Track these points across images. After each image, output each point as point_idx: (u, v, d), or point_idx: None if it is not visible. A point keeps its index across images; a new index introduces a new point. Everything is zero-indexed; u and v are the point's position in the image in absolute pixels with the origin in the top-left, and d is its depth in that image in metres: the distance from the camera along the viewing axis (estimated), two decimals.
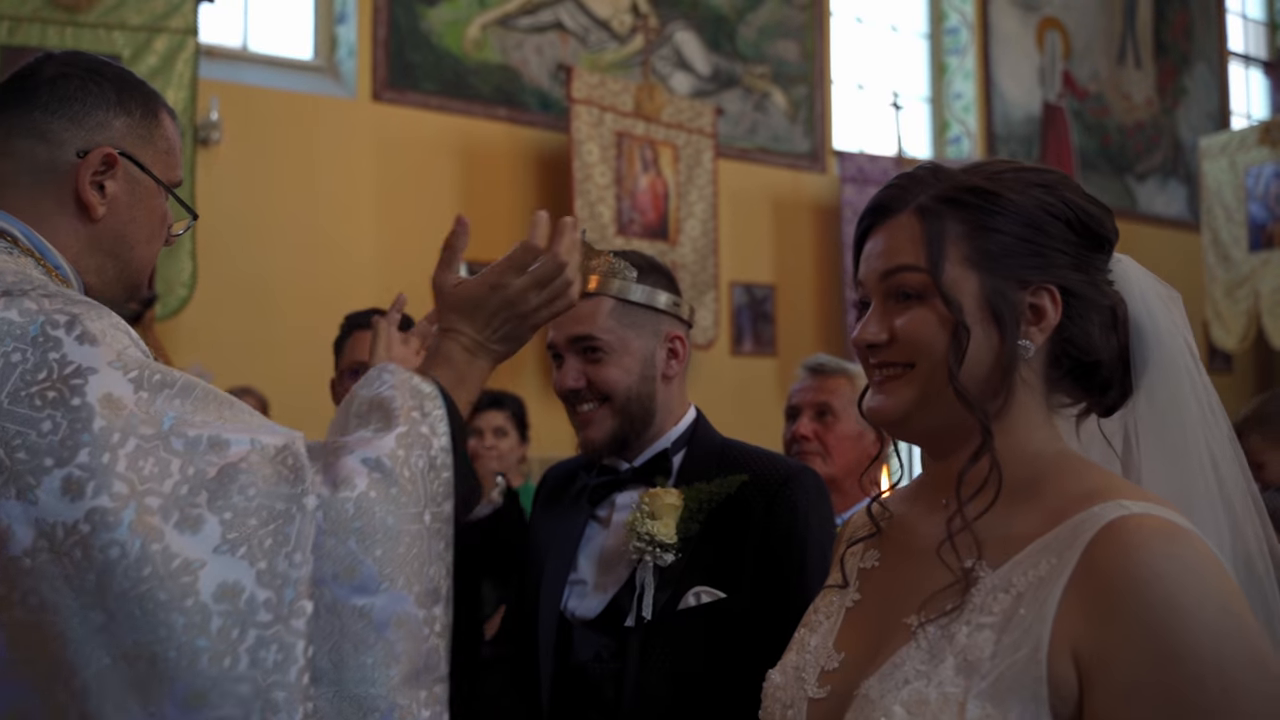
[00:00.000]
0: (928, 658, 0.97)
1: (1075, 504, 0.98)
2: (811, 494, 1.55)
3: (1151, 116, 9.30)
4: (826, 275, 7.38)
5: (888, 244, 1.07)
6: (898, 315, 1.05)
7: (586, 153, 5.99)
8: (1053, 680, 0.91)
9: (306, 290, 5.44)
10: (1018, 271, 1.03)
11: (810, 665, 1.09)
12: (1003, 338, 1.02)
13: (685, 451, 1.64)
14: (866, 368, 1.10)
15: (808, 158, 7.41)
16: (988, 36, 8.34)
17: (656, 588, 1.51)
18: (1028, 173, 1.08)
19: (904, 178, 1.10)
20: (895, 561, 1.12)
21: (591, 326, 1.60)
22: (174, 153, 1.31)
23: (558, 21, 6.36)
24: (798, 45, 7.38)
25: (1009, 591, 0.96)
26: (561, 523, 1.68)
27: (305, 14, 5.95)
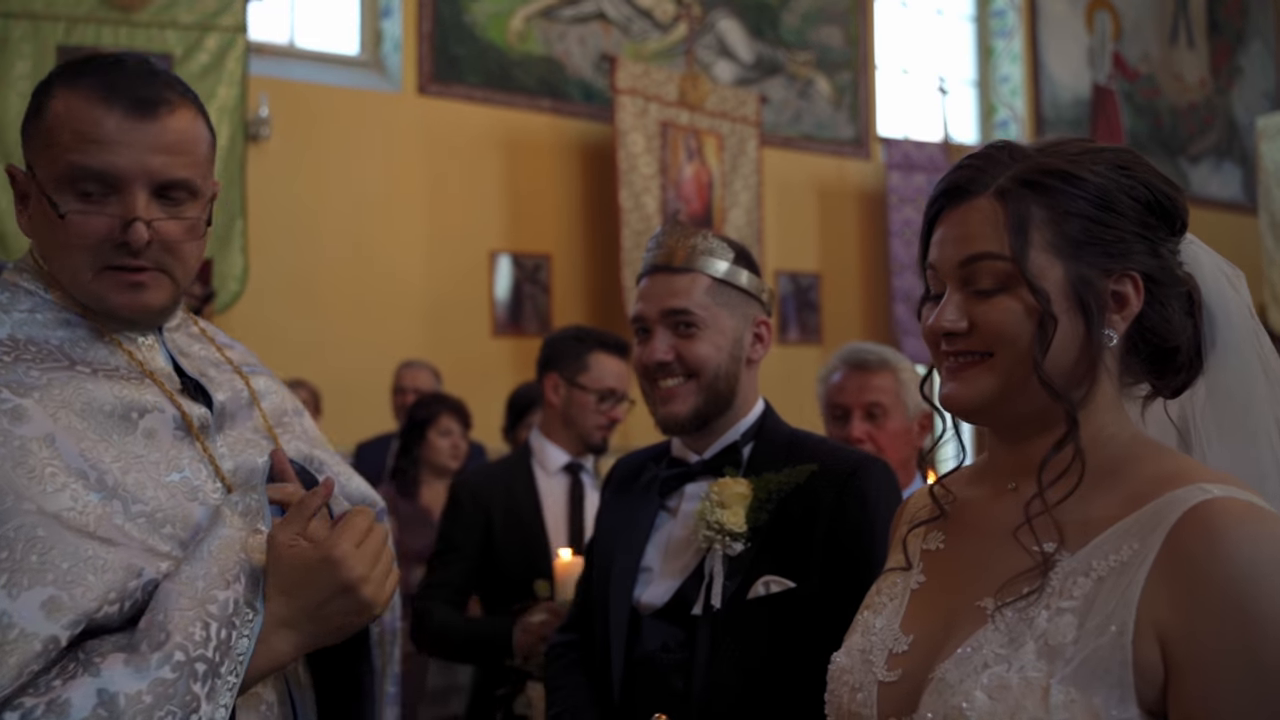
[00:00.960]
0: (1007, 641, 0.96)
1: (1154, 488, 0.97)
2: (880, 484, 1.54)
3: (1205, 97, 9.10)
4: (872, 263, 7.32)
5: (966, 229, 1.04)
6: (978, 303, 1.03)
7: (631, 143, 5.99)
8: (1138, 664, 0.90)
9: (354, 282, 5.50)
10: (1101, 259, 1.01)
11: (878, 648, 1.08)
12: (1088, 327, 1.01)
13: (754, 443, 1.63)
14: (937, 354, 1.08)
15: (852, 144, 7.34)
16: (1035, 18, 8.21)
17: (725, 577, 1.51)
18: (1105, 153, 1.05)
19: (978, 158, 1.06)
20: (961, 544, 1.11)
21: (687, 300, 1.60)
22: (51, 142, 1.15)
23: (600, 12, 6.36)
24: (841, 31, 7.32)
25: (1089, 575, 0.95)
26: (631, 513, 1.68)
27: (351, 9, 6.00)
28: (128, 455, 1.16)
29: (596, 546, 1.76)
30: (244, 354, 1.47)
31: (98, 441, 1.14)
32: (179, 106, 1.18)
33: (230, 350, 1.43)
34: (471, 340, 5.85)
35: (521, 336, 6.02)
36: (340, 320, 5.44)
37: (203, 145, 1.22)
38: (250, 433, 1.33)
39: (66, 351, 1.20)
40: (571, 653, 1.74)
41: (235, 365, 1.39)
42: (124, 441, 1.17)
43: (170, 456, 1.21)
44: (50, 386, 1.14)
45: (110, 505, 1.11)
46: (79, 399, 1.15)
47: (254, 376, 1.42)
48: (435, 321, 5.75)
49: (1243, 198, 9.12)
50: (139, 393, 1.21)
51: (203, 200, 1.22)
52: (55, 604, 1.02)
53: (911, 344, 7.05)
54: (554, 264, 6.12)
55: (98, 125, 1.14)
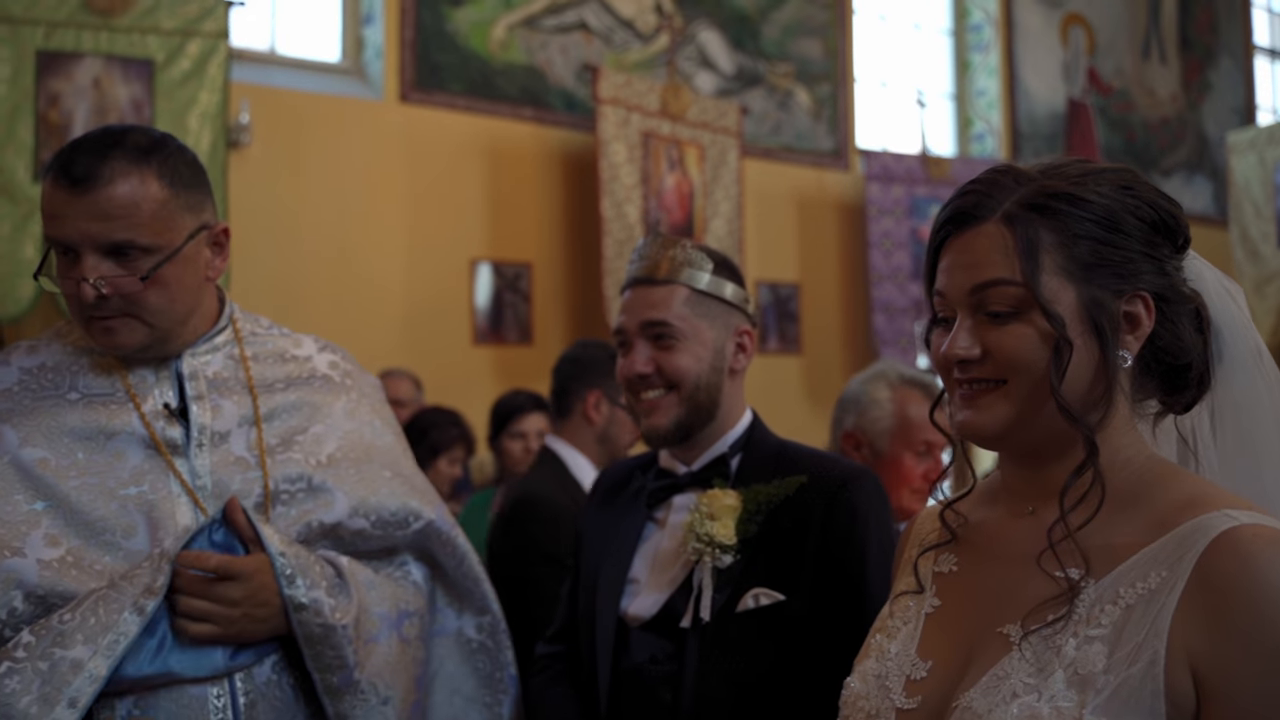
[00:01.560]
0: (1035, 670, 0.96)
1: (1177, 513, 0.97)
2: (871, 496, 1.55)
3: (1176, 112, 9.23)
4: (851, 274, 7.37)
5: (975, 255, 1.03)
6: (991, 330, 1.02)
7: (613, 153, 6.00)
8: (1170, 692, 0.91)
9: (335, 289, 5.47)
10: (1111, 280, 1.01)
11: (894, 673, 1.07)
12: (1103, 350, 1.00)
13: (743, 454, 1.63)
14: (948, 381, 1.07)
15: (832, 156, 7.39)
16: (1011, 33, 8.30)
17: (714, 589, 1.51)
18: (1107, 173, 1.05)
19: (981, 183, 1.06)
20: (978, 568, 1.10)
21: (666, 313, 1.60)
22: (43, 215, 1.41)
23: (582, 22, 6.37)
24: (821, 43, 7.37)
25: (1117, 604, 0.95)
26: (617, 524, 1.68)
27: (332, 16, 5.98)
28: (88, 471, 1.39)
29: (583, 556, 1.75)
30: (285, 368, 1.58)
31: (59, 459, 1.38)
32: (120, 175, 1.37)
33: (263, 366, 1.56)
34: (452, 348, 5.84)
35: (502, 345, 6.01)
36: (321, 327, 5.36)
37: (149, 205, 1.39)
38: (243, 451, 1.47)
39: (73, 377, 1.46)
40: (558, 664, 1.74)
41: (253, 385, 1.52)
42: (88, 459, 1.40)
43: (136, 472, 1.41)
44: (33, 413, 1.41)
45: (53, 514, 1.35)
46: (51, 423, 1.41)
47: (279, 393, 1.54)
48: (416, 329, 5.73)
49: (1214, 211, 9.25)
50: (116, 417, 1.43)
51: (160, 253, 1.39)
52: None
53: (889, 354, 7.10)
54: (535, 273, 6.12)
55: (50, 201, 1.39)
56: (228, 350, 1.54)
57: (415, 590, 1.57)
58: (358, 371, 1.68)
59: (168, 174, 1.41)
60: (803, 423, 6.65)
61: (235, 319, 1.57)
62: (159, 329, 1.43)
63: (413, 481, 1.59)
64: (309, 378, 1.58)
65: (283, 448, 1.49)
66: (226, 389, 1.50)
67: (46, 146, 4.58)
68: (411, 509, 1.54)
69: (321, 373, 1.61)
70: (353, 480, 1.51)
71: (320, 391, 1.57)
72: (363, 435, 1.56)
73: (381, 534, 1.52)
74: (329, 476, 1.49)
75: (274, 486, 1.46)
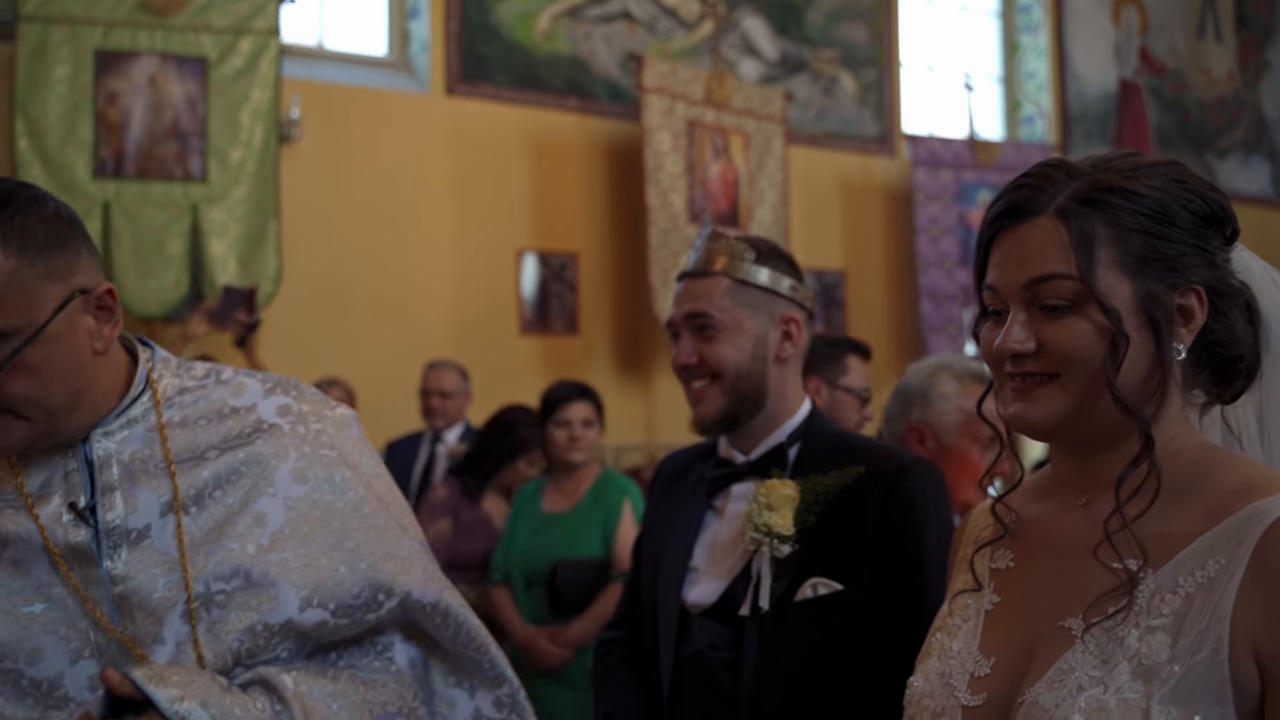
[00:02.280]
0: (1099, 662, 0.96)
1: (1233, 499, 0.98)
2: (928, 486, 1.55)
3: (1233, 91, 9.03)
4: (898, 260, 7.32)
5: (1029, 249, 1.03)
6: (1046, 323, 1.02)
7: (658, 142, 6.01)
8: (1235, 678, 0.91)
9: (384, 281, 5.55)
10: (1165, 274, 1.02)
11: (958, 671, 1.07)
12: (1158, 343, 1.01)
13: (801, 444, 1.64)
14: (999, 374, 1.07)
15: (878, 142, 7.34)
16: (1061, 13, 8.17)
17: (773, 579, 1.53)
18: (1158, 166, 1.05)
19: (1034, 177, 1.06)
20: (1034, 562, 1.10)
21: (706, 304, 1.63)
22: None
23: (625, 11, 6.38)
24: (866, 28, 7.31)
25: (1177, 592, 0.96)
26: (678, 512, 1.70)
27: (379, 10, 6.04)
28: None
29: (645, 544, 1.77)
30: (223, 427, 1.31)
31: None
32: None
33: (193, 432, 1.30)
34: (499, 339, 5.89)
35: (548, 335, 6.06)
36: (370, 319, 5.49)
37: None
38: (168, 547, 1.24)
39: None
40: (619, 649, 1.77)
41: (172, 464, 1.27)
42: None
43: (40, 586, 1.20)
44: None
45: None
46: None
47: (212, 463, 1.28)
48: (463, 320, 5.79)
49: (1271, 192, 9.04)
50: (11, 522, 1.22)
51: (18, 335, 1.15)
52: None
53: (936, 341, 7.05)
54: (581, 263, 6.15)
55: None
56: (146, 422, 1.28)
57: (398, 683, 1.32)
58: (316, 412, 1.36)
59: (14, 238, 1.14)
60: None
61: (154, 381, 1.30)
62: (37, 422, 1.19)
63: (383, 546, 1.31)
64: (252, 433, 1.30)
65: (215, 535, 1.25)
66: (144, 473, 1.26)
67: (105, 144, 4.69)
68: (380, 585, 1.28)
69: (269, 423, 1.31)
70: (301, 564, 1.26)
71: (267, 448, 1.30)
72: (317, 500, 1.29)
73: (348, 621, 1.27)
74: (272, 565, 1.25)
75: (203, 589, 1.22)
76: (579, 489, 3.42)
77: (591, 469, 3.47)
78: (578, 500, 3.39)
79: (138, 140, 4.75)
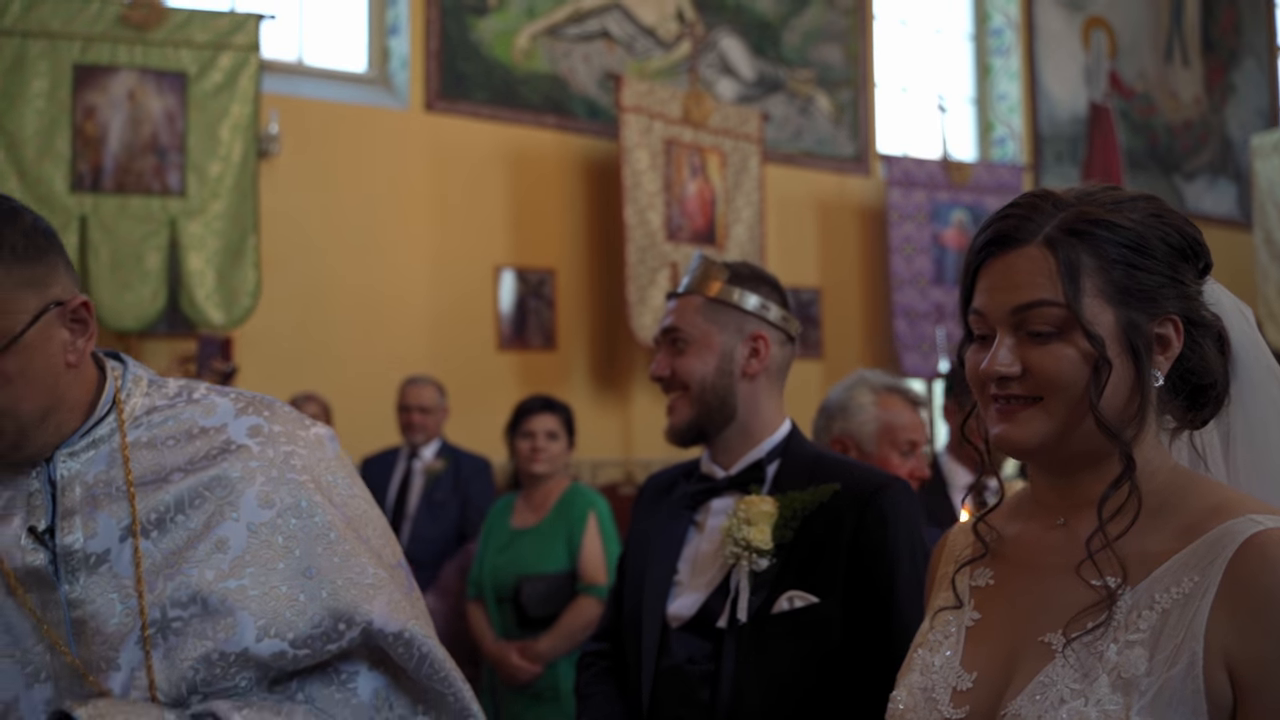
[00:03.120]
0: (1080, 676, 1.00)
1: (1205, 520, 1.02)
2: (901, 504, 1.60)
3: (1200, 115, 9.21)
4: (872, 279, 7.40)
5: (1016, 276, 1.07)
6: (1032, 348, 1.06)
7: (636, 160, 6.06)
8: (1209, 691, 0.96)
9: (362, 296, 5.56)
10: (1145, 303, 1.06)
11: (940, 685, 1.11)
12: (1138, 370, 1.05)
13: (780, 461, 1.69)
14: (983, 396, 1.11)
15: (853, 161, 7.43)
16: (1032, 37, 8.31)
17: (750, 592, 1.56)
18: (1139, 201, 1.11)
19: (1021, 207, 1.10)
20: (1013, 580, 1.14)
21: (679, 320, 1.73)
22: None
23: (604, 30, 6.44)
24: (842, 49, 7.41)
25: (1153, 608, 1.00)
26: (664, 528, 1.74)
27: (359, 27, 6.07)
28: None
29: (629, 559, 1.81)
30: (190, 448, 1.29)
31: None
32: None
33: (159, 453, 1.28)
34: (476, 354, 5.91)
35: (526, 351, 6.08)
36: (348, 334, 5.50)
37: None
38: (124, 569, 1.21)
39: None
40: (602, 661, 1.80)
41: (132, 487, 1.24)
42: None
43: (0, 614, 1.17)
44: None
45: None
46: None
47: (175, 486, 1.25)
48: (440, 335, 5.80)
49: (1238, 214, 9.22)
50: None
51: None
52: None
53: (910, 358, 7.12)
54: (559, 279, 6.18)
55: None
56: (111, 443, 1.26)
57: (356, 717, 1.26)
58: (288, 433, 1.32)
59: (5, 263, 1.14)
60: None
61: (121, 401, 1.27)
62: (6, 434, 1.17)
63: (346, 573, 1.25)
64: (220, 454, 1.27)
65: (174, 560, 1.22)
66: (106, 496, 1.23)
67: (83, 158, 4.69)
68: (340, 614, 1.23)
69: (237, 444, 1.28)
70: (260, 591, 1.22)
71: (234, 470, 1.27)
72: (280, 526, 1.25)
73: (309, 652, 1.22)
74: (231, 593, 1.21)
75: (159, 615, 1.19)
76: (546, 503, 3.43)
77: (559, 483, 3.47)
78: (544, 515, 3.40)
79: (116, 154, 4.74)
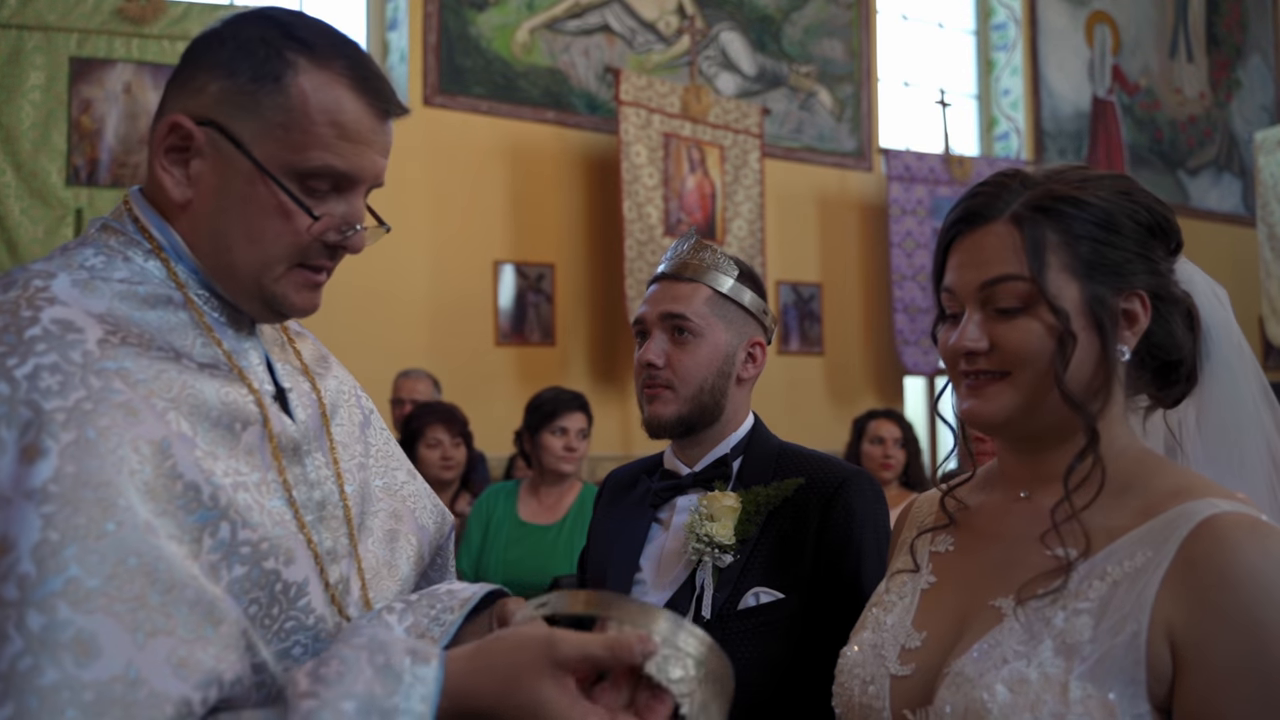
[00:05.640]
0: (1026, 639, 1.02)
1: (1165, 500, 1.04)
2: (867, 497, 1.58)
3: (1204, 110, 9.15)
4: (873, 274, 7.38)
5: (984, 253, 1.09)
6: (999, 324, 1.08)
7: (634, 154, 6.05)
8: (1150, 663, 0.97)
9: (360, 290, 5.56)
10: (1111, 278, 1.08)
11: (889, 643, 1.13)
12: (1103, 344, 1.07)
13: (744, 456, 1.67)
14: (954, 372, 1.13)
15: (854, 156, 7.40)
16: (1036, 32, 8.27)
17: (715, 589, 1.55)
18: (1106, 179, 1.12)
19: (990, 185, 1.12)
20: (973, 547, 1.17)
21: (686, 307, 1.64)
22: (300, 129, 0.99)
23: (605, 24, 6.43)
24: (843, 44, 7.38)
25: (1104, 579, 1.02)
26: (625, 525, 1.72)
27: (358, 21, 6.07)
28: (234, 472, 0.98)
29: (591, 557, 1.79)
30: (315, 347, 1.23)
31: (207, 453, 0.95)
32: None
33: (302, 343, 1.21)
34: (474, 349, 5.91)
35: (524, 345, 6.08)
36: (345, 328, 5.49)
37: None
38: (322, 457, 1.11)
39: (166, 337, 1.00)
40: None
41: (308, 369, 1.17)
42: (230, 456, 0.98)
43: (268, 479, 1.02)
44: (159, 379, 0.95)
45: (219, 529, 0.93)
46: (188, 399, 0.96)
47: (322, 379, 1.18)
48: (439, 330, 5.81)
49: (1242, 210, 9.16)
50: (239, 398, 1.01)
51: None
52: (183, 660, 0.84)
53: (911, 354, 7.11)
54: (557, 274, 6.18)
55: (358, 123, 1.02)
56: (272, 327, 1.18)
57: None
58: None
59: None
60: (825, 422, 6.67)
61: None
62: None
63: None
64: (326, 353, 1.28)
65: (343, 450, 1.17)
66: (294, 374, 1.14)
67: (79, 152, 4.70)
68: (442, 512, 1.28)
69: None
70: (405, 481, 1.27)
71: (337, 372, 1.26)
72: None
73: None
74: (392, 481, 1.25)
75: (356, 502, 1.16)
76: (562, 502, 3.35)
77: (574, 483, 3.40)
78: (562, 514, 3.32)
79: (112, 148, 4.75)
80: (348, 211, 1.05)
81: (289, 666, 0.97)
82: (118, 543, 0.84)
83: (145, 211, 1.05)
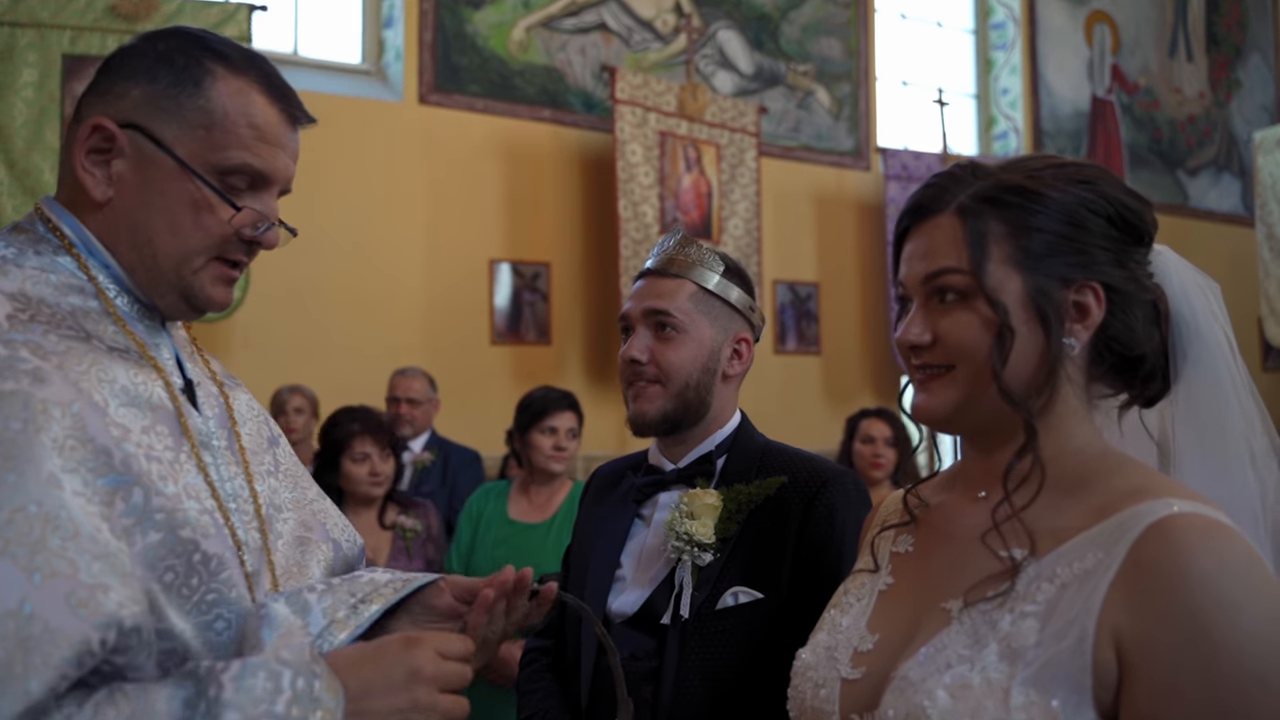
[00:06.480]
0: (971, 642, 0.99)
1: (1121, 500, 1.00)
2: (849, 497, 1.57)
3: (1203, 110, 9.13)
4: (870, 273, 7.36)
5: (929, 245, 1.08)
6: (941, 317, 1.07)
7: (630, 153, 6.03)
8: (1096, 668, 0.94)
9: (355, 289, 5.55)
10: (1060, 270, 1.04)
11: (843, 645, 1.11)
12: (1047, 337, 1.04)
13: (728, 454, 1.65)
14: (909, 367, 1.11)
15: (851, 155, 7.38)
16: (1035, 31, 8.25)
17: (695, 587, 1.53)
18: (1068, 168, 1.09)
19: (942, 177, 1.10)
20: (930, 547, 1.14)
21: (670, 303, 1.63)
22: (221, 129, 1.06)
23: (601, 22, 6.41)
24: (841, 43, 7.36)
25: (1053, 582, 0.98)
26: (607, 522, 1.70)
27: (353, 19, 6.05)
28: (146, 446, 1.00)
29: (573, 554, 1.78)
30: (222, 369, 1.28)
31: (118, 425, 0.98)
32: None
33: (214, 361, 1.27)
34: (470, 348, 5.89)
35: (520, 344, 6.06)
36: (340, 327, 5.49)
37: None
38: (230, 455, 1.14)
39: (79, 321, 1.03)
40: (544, 658, 1.77)
41: (217, 377, 1.21)
42: (143, 433, 1.00)
43: (180, 459, 1.05)
44: (69, 354, 0.98)
45: (131, 494, 0.95)
46: (97, 374, 0.99)
47: (232, 391, 1.23)
48: (434, 329, 5.79)
49: (1241, 210, 9.14)
50: (151, 383, 1.05)
51: None
52: (83, 601, 0.86)
53: None
54: (553, 272, 6.17)
55: (273, 127, 1.11)
56: (177, 327, 1.22)
57: None
58: None
59: None
60: (821, 422, 6.66)
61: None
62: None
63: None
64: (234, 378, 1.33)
65: (253, 459, 1.21)
66: (203, 378, 1.18)
67: None
68: (353, 537, 1.33)
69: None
70: (316, 496, 1.33)
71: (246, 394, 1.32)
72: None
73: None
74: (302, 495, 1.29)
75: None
76: (552, 500, 3.34)
77: (564, 482, 3.39)
78: (552, 512, 3.32)
79: None
80: (263, 209, 1.12)
81: (211, 641, 1.00)
82: (18, 490, 0.87)
83: (57, 212, 1.10)
